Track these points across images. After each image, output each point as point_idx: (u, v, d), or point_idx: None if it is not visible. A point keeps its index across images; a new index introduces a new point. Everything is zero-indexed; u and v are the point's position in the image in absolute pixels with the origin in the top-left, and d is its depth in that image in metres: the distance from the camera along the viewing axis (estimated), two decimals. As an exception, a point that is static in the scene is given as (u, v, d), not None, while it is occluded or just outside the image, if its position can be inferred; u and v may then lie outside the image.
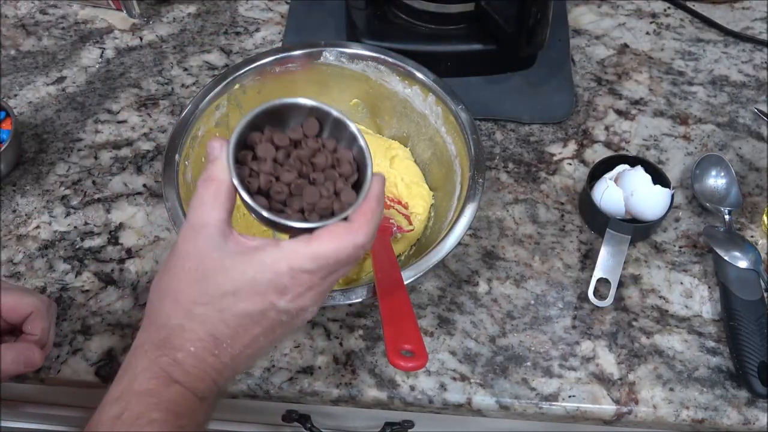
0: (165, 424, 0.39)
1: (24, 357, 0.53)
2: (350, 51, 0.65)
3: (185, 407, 0.40)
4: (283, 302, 0.41)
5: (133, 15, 0.83)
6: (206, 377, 0.41)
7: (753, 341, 0.57)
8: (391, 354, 0.44)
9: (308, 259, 0.40)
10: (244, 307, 0.41)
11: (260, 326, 0.42)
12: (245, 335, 0.41)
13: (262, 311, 0.41)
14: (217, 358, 0.41)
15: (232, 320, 0.41)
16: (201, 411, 0.41)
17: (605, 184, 0.64)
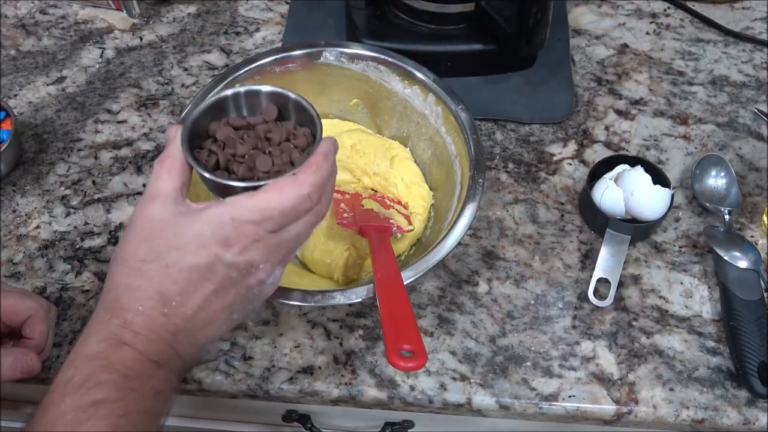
0: (113, 386, 0.38)
1: (21, 363, 0.53)
2: (350, 51, 0.65)
3: (136, 370, 0.39)
4: (229, 255, 0.41)
5: (133, 15, 0.83)
6: (159, 339, 0.40)
7: (753, 341, 0.57)
8: (390, 354, 0.44)
9: (251, 210, 0.41)
10: (190, 261, 0.41)
11: (210, 282, 0.41)
12: (195, 293, 0.41)
13: (209, 265, 0.41)
14: (167, 318, 0.41)
15: (178, 275, 0.41)
16: (157, 377, 0.40)
17: (605, 184, 0.64)
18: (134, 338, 0.40)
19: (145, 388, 0.39)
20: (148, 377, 0.40)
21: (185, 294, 0.41)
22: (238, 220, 0.41)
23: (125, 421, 0.38)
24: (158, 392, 0.40)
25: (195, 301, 0.41)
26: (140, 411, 0.39)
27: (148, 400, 0.39)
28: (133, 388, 0.39)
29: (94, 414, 0.37)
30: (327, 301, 0.53)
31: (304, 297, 0.53)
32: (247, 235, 0.41)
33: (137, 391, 0.39)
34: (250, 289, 0.43)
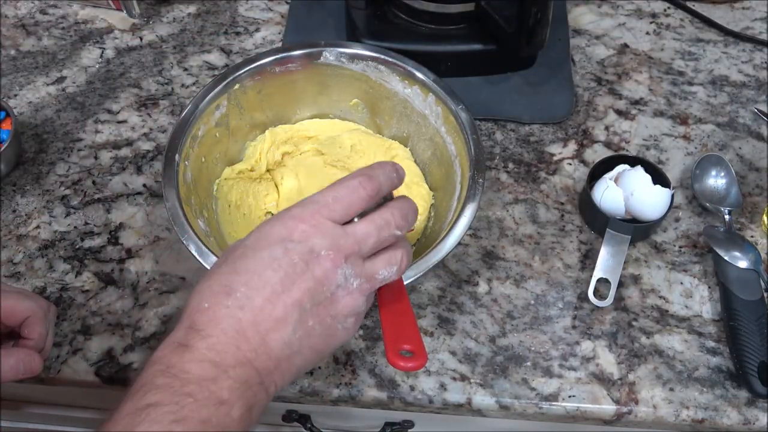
0: (168, 390, 0.37)
1: (24, 363, 0.53)
2: (350, 51, 0.65)
3: (194, 373, 0.37)
4: (289, 243, 0.41)
5: (133, 15, 0.83)
6: (220, 334, 0.38)
7: (753, 341, 0.57)
8: (390, 354, 0.43)
9: (309, 202, 0.42)
10: (254, 253, 0.41)
11: (273, 271, 0.40)
12: (258, 282, 0.40)
13: (270, 253, 0.40)
14: (229, 310, 0.39)
15: (242, 267, 0.40)
16: (219, 382, 0.37)
17: (605, 184, 0.64)
18: (196, 337, 0.38)
19: (204, 393, 0.37)
20: (207, 382, 0.37)
21: (249, 284, 0.40)
22: (298, 212, 0.42)
23: (181, 428, 0.35)
24: (221, 401, 0.37)
25: (259, 290, 0.40)
26: (198, 420, 0.36)
27: (206, 409, 0.36)
28: (190, 393, 0.37)
29: (146, 417, 0.36)
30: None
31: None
32: (305, 220, 0.41)
33: (193, 396, 0.36)
34: (319, 285, 0.41)
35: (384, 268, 0.44)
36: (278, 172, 0.67)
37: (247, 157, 0.68)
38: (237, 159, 0.68)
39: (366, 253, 0.43)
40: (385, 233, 0.43)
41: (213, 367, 0.38)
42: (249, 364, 0.39)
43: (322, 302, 0.41)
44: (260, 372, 0.39)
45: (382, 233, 0.43)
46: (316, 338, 0.41)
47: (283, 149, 0.68)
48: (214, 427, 0.36)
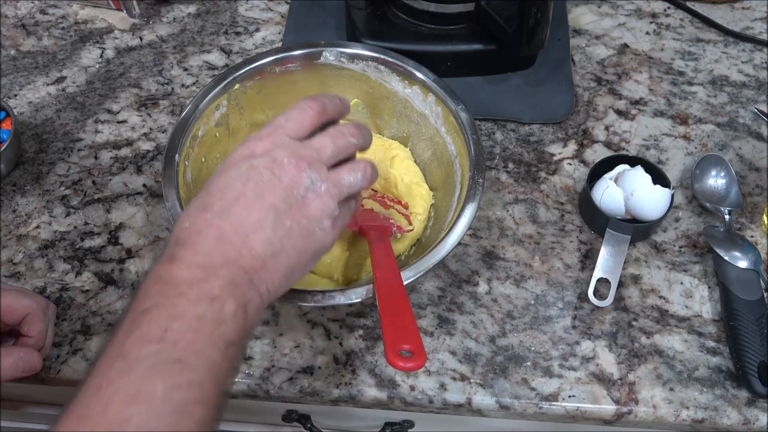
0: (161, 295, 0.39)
1: (23, 362, 0.53)
2: (350, 51, 0.65)
3: (184, 277, 0.40)
4: (253, 159, 0.44)
5: (133, 15, 0.83)
6: (203, 242, 0.41)
7: (753, 341, 0.57)
8: (389, 354, 0.44)
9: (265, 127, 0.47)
10: (224, 174, 0.44)
11: (241, 182, 0.43)
12: (231, 192, 0.43)
13: (238, 169, 0.44)
14: (209, 220, 0.42)
15: (215, 187, 0.44)
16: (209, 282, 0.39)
17: (605, 184, 0.64)
18: (182, 249, 0.41)
19: (195, 292, 0.39)
20: (197, 282, 0.39)
21: (222, 195, 0.43)
22: (256, 135, 0.46)
23: (178, 324, 0.37)
24: (212, 298, 0.39)
25: (231, 198, 0.43)
26: (193, 316, 0.38)
27: (200, 305, 0.39)
28: (182, 293, 0.39)
29: (143, 320, 0.38)
30: (327, 301, 0.53)
31: (304, 297, 0.53)
32: (264, 138, 0.45)
33: (186, 296, 0.39)
34: (287, 188, 0.44)
35: (348, 174, 0.46)
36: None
37: (247, 157, 0.67)
38: (237, 159, 0.67)
39: (327, 161, 0.46)
40: (341, 141, 0.47)
41: (201, 270, 0.40)
42: (234, 263, 0.41)
43: (294, 204, 0.44)
44: (247, 270, 0.41)
45: (338, 141, 0.47)
46: (296, 238, 0.43)
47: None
48: (210, 322, 0.38)
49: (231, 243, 0.41)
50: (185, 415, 0.35)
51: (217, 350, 0.38)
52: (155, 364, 0.36)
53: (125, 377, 0.36)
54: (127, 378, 0.36)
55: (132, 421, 0.34)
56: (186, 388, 0.36)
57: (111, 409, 0.35)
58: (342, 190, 0.46)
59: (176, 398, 0.35)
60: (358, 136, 0.48)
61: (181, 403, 0.36)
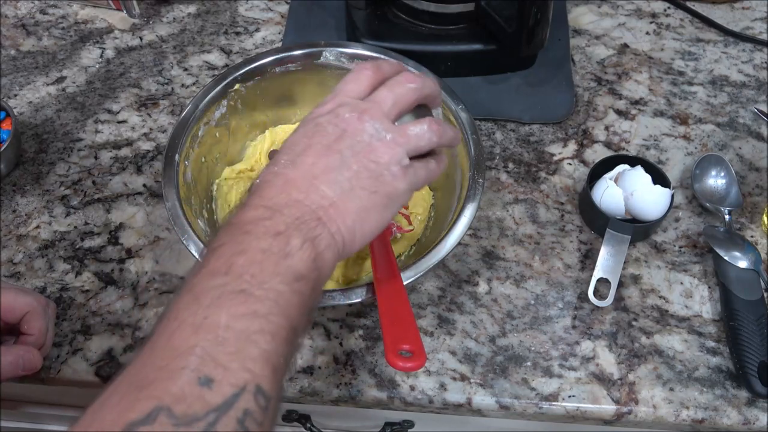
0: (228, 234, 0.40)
1: (23, 360, 0.53)
2: (350, 51, 0.65)
3: (250, 216, 0.41)
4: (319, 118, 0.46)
5: (133, 15, 0.83)
6: (271, 186, 0.42)
7: (753, 341, 0.57)
8: (389, 354, 0.44)
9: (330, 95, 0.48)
10: (291, 137, 0.46)
11: (308, 138, 0.44)
12: (298, 146, 0.44)
13: (305, 128, 0.46)
14: (278, 168, 0.43)
15: (284, 147, 0.45)
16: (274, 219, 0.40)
17: (605, 184, 0.64)
18: (250, 197, 0.42)
19: (260, 229, 0.40)
20: (262, 220, 0.40)
21: (289, 150, 0.44)
22: (322, 102, 0.47)
23: (242, 258, 0.38)
24: (277, 233, 0.40)
25: (298, 151, 0.44)
26: (258, 249, 0.39)
27: (265, 240, 0.39)
28: (247, 231, 0.40)
29: (210, 257, 0.39)
30: (327, 301, 0.53)
31: (304, 297, 0.53)
32: (327, 103, 0.47)
33: (251, 233, 0.39)
34: (351, 137, 0.44)
35: (413, 126, 0.46)
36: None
37: (247, 157, 0.68)
38: (237, 159, 0.68)
39: (388, 111, 0.46)
40: (399, 89, 0.47)
41: (266, 210, 0.41)
42: (301, 203, 0.42)
43: (360, 151, 0.44)
44: (314, 209, 0.42)
45: (396, 89, 0.47)
46: (365, 179, 0.44)
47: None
48: (275, 255, 0.39)
49: (297, 186, 0.42)
50: (249, 342, 0.35)
51: (283, 283, 0.38)
52: (220, 295, 0.37)
53: (191, 308, 0.36)
54: (193, 309, 0.36)
55: (196, 348, 0.34)
56: (250, 317, 0.36)
57: (176, 337, 0.35)
58: (409, 141, 0.46)
59: (240, 327, 0.36)
60: (415, 80, 0.48)
61: (246, 331, 0.36)
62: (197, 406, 0.32)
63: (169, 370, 0.34)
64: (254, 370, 0.35)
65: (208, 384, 0.33)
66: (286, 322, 0.37)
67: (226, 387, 0.33)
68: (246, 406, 0.33)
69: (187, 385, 0.33)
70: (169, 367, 0.34)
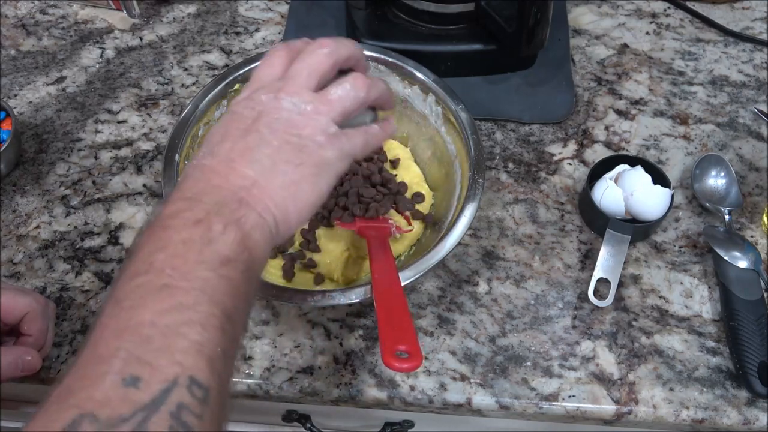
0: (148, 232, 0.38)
1: (22, 361, 0.53)
2: (350, 51, 0.65)
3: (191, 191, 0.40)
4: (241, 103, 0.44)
5: (133, 15, 0.83)
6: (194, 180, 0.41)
7: (753, 341, 0.57)
8: (385, 355, 0.43)
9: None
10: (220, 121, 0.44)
11: (224, 126, 0.43)
12: (228, 134, 0.43)
13: (230, 113, 0.44)
14: (212, 157, 0.42)
15: (215, 132, 0.44)
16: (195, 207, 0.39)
17: (605, 184, 0.64)
18: (171, 192, 0.41)
19: (180, 221, 0.38)
20: (182, 212, 0.39)
21: (207, 142, 0.43)
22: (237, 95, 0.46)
23: (163, 254, 0.37)
24: (198, 221, 0.38)
25: (216, 141, 0.43)
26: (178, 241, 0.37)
27: (185, 231, 0.38)
28: (167, 226, 0.38)
29: (129, 261, 0.37)
30: (327, 301, 0.53)
31: (304, 297, 0.53)
32: (245, 92, 0.45)
33: (171, 227, 0.38)
34: (268, 116, 0.43)
35: (335, 89, 0.45)
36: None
37: (247, 157, 0.67)
38: (237, 159, 0.67)
39: (305, 83, 0.44)
40: (312, 59, 0.45)
41: (185, 201, 0.39)
42: (220, 188, 0.40)
43: (279, 128, 0.43)
44: (237, 193, 0.40)
45: (309, 60, 0.45)
46: (288, 153, 0.42)
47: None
48: (196, 243, 0.37)
49: (216, 172, 0.41)
50: (178, 336, 0.34)
51: (208, 269, 0.37)
52: (142, 294, 0.35)
53: (113, 313, 0.35)
54: (115, 313, 0.35)
55: (120, 350, 0.33)
56: (176, 310, 0.35)
57: (100, 345, 0.34)
58: (333, 106, 0.44)
59: (166, 322, 0.34)
60: (328, 44, 0.46)
61: (172, 325, 0.34)
62: (123, 408, 0.31)
63: (91, 377, 0.32)
64: (185, 363, 0.33)
65: (135, 384, 0.32)
66: (218, 309, 0.36)
67: (154, 384, 0.32)
68: (179, 399, 0.32)
69: (111, 389, 0.32)
70: (91, 374, 0.33)
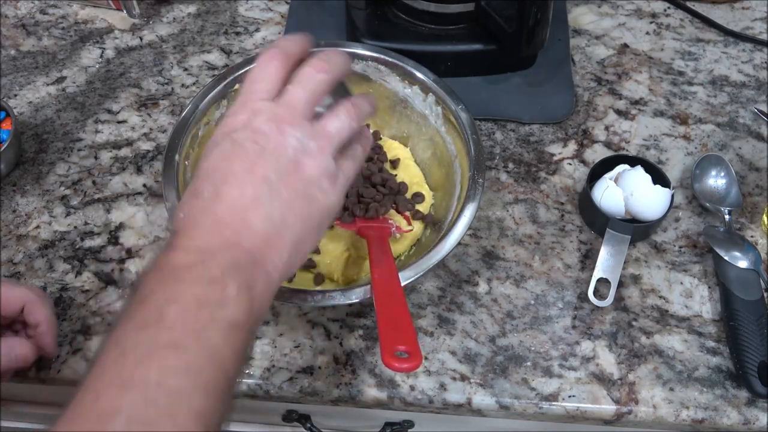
0: (160, 281, 0.37)
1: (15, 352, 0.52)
2: (350, 51, 0.65)
3: (182, 261, 0.38)
4: (235, 133, 0.42)
5: (133, 15, 0.83)
6: (199, 227, 0.40)
7: (753, 341, 0.57)
8: (385, 355, 0.43)
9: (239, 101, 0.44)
10: (208, 154, 0.42)
11: (227, 161, 0.41)
12: (218, 173, 0.41)
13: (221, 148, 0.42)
14: (203, 204, 0.40)
15: (203, 169, 0.42)
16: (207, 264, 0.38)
17: (605, 184, 0.64)
18: (179, 238, 0.39)
19: (194, 275, 0.37)
20: (195, 266, 0.38)
21: (210, 178, 0.41)
22: (231, 110, 0.43)
23: (174, 307, 0.36)
24: (212, 280, 0.37)
25: (221, 179, 0.41)
26: (191, 297, 0.36)
27: (199, 287, 0.37)
28: (179, 278, 0.37)
29: (139, 308, 0.36)
30: (327, 301, 0.53)
31: (304, 297, 0.53)
32: (238, 111, 0.43)
33: (184, 280, 0.37)
34: (275, 156, 0.41)
35: (331, 121, 0.44)
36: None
37: (247, 157, 0.67)
38: (237, 159, 0.67)
39: (304, 112, 0.43)
40: (310, 84, 0.44)
41: (199, 254, 0.38)
42: (236, 246, 0.39)
43: (286, 172, 0.41)
44: (249, 250, 0.39)
45: (308, 85, 0.44)
46: (297, 207, 0.41)
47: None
48: (209, 304, 0.37)
49: (228, 225, 0.39)
50: (182, 401, 0.33)
51: (218, 333, 0.36)
52: (150, 349, 0.34)
53: (119, 365, 0.34)
54: (120, 366, 0.34)
55: (123, 409, 0.32)
56: (183, 373, 0.34)
57: (102, 398, 0.33)
58: (332, 141, 0.44)
59: (172, 384, 0.33)
60: (324, 68, 0.45)
61: (177, 388, 0.33)
62: None
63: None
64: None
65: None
66: (221, 375, 0.35)
67: None
68: None
69: None
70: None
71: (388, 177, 0.64)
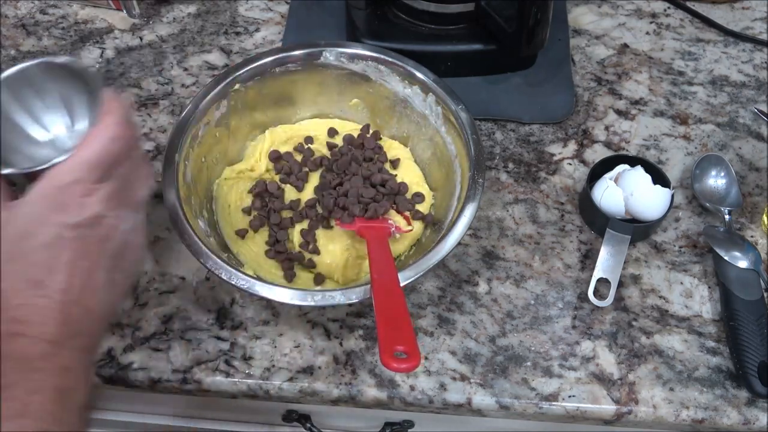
0: (15, 371, 0.38)
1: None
2: (350, 51, 0.65)
3: (35, 353, 0.39)
4: (69, 218, 0.41)
5: (133, 15, 0.83)
6: (48, 320, 0.40)
7: (753, 341, 0.57)
8: (383, 355, 0.43)
9: (68, 171, 0.42)
10: (39, 240, 0.41)
11: (67, 250, 0.41)
12: (59, 266, 0.41)
13: (58, 235, 0.41)
14: (47, 299, 0.40)
15: (36, 258, 0.41)
16: (61, 355, 0.40)
17: (605, 184, 0.64)
18: (24, 327, 0.40)
19: (50, 365, 0.39)
20: (50, 356, 0.39)
21: (51, 271, 0.41)
22: (61, 185, 0.42)
23: (38, 397, 0.38)
24: (66, 368, 0.40)
25: (63, 273, 0.41)
26: (52, 388, 0.38)
27: (56, 377, 0.39)
28: (37, 368, 0.39)
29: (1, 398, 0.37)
30: (327, 301, 0.53)
31: (304, 297, 0.53)
32: (77, 193, 0.42)
33: (42, 370, 0.39)
34: (111, 241, 0.43)
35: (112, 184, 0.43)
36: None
37: (247, 157, 0.68)
38: (237, 159, 0.68)
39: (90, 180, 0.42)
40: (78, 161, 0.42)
41: (50, 345, 0.40)
42: (81, 333, 0.42)
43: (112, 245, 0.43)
44: (91, 334, 0.43)
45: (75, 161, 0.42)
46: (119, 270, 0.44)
47: (283, 149, 0.68)
48: (67, 392, 0.39)
49: (73, 315, 0.41)
50: None
51: (76, 417, 0.39)
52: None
53: None
54: None
55: None
56: None
57: None
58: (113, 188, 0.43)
59: None
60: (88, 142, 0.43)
61: None
62: None
63: None
64: None
65: None
66: None
67: None
68: None
69: None
70: None
71: (388, 177, 0.64)
